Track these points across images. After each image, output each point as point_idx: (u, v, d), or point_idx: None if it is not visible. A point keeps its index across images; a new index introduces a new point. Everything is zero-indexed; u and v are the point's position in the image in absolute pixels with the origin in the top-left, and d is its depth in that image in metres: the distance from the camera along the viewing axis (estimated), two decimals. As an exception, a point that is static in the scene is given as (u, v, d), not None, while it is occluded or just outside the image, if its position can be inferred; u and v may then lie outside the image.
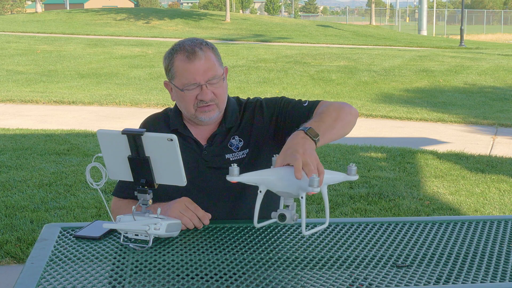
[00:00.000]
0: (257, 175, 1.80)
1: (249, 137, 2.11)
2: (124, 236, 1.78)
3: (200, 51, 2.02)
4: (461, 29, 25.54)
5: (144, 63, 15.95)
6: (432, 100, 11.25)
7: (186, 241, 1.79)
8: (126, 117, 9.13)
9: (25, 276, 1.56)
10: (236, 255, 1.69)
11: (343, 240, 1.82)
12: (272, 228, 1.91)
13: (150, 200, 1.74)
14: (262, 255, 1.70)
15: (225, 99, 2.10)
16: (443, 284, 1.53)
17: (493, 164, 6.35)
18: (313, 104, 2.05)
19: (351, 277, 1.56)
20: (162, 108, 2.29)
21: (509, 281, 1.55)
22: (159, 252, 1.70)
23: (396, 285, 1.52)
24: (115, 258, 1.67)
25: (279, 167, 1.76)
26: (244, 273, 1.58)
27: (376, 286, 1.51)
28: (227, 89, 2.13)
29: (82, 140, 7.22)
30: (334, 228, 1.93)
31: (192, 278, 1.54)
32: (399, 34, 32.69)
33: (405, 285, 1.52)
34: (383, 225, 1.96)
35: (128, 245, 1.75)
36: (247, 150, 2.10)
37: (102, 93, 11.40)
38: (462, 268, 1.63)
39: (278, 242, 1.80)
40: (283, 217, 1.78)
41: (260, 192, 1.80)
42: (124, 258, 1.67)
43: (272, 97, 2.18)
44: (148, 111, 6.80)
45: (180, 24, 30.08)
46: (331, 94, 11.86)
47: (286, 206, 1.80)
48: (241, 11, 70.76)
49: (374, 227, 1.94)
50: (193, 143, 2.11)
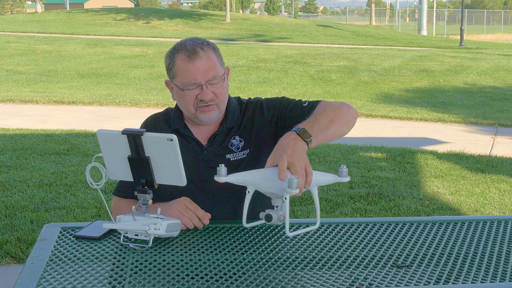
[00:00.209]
0: (245, 176, 1.82)
1: (250, 137, 2.11)
2: (124, 236, 1.78)
3: (201, 51, 2.02)
4: (461, 29, 25.55)
5: (144, 63, 15.95)
6: (432, 100, 11.25)
7: (186, 241, 1.79)
8: (126, 117, 9.13)
9: (25, 276, 1.56)
10: (236, 255, 1.69)
11: (343, 240, 1.82)
12: (272, 228, 1.92)
13: (150, 200, 1.74)
14: (262, 255, 1.70)
15: (226, 100, 2.10)
16: (443, 284, 1.53)
17: (493, 164, 6.35)
18: (313, 104, 2.05)
19: (351, 277, 1.56)
20: (162, 108, 2.30)
21: (509, 281, 1.55)
22: (159, 252, 1.71)
23: (396, 285, 1.52)
24: (115, 258, 1.67)
25: (267, 168, 1.77)
26: (244, 273, 1.58)
27: (376, 286, 1.51)
28: (228, 89, 2.13)
29: (82, 140, 7.22)
30: (334, 228, 1.93)
31: (192, 278, 1.54)
32: (399, 34, 32.69)
33: (405, 285, 1.52)
34: (383, 225, 1.96)
35: (128, 245, 1.75)
36: (248, 150, 2.10)
37: (102, 93, 11.41)
38: (462, 268, 1.63)
39: (278, 242, 1.80)
40: (270, 218, 1.79)
41: (248, 193, 1.83)
42: (124, 258, 1.67)
43: (273, 97, 2.18)
44: (148, 111, 6.81)
45: (180, 24, 30.08)
46: (331, 94, 11.86)
47: (276, 207, 1.80)
48: (241, 11, 70.76)
49: (374, 227, 1.94)
50: (194, 143, 2.11)
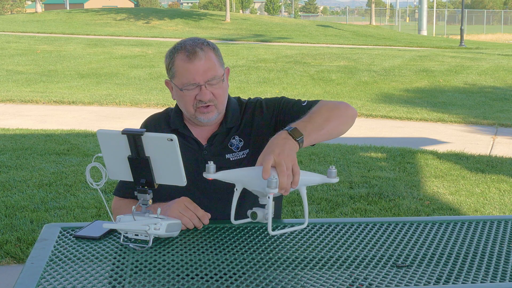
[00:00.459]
0: (232, 173, 1.84)
1: (249, 137, 2.11)
2: (124, 236, 1.78)
3: (201, 51, 2.02)
4: (461, 29, 25.55)
5: (144, 63, 15.95)
6: (432, 100, 11.25)
7: (186, 241, 1.79)
8: (126, 117, 9.13)
9: (25, 276, 1.56)
10: (236, 255, 1.69)
11: (343, 240, 1.82)
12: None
13: (150, 200, 1.74)
14: (262, 255, 1.70)
15: (225, 100, 2.09)
16: (443, 284, 1.53)
17: (493, 164, 6.35)
18: (312, 104, 2.05)
19: (351, 277, 1.56)
20: (162, 108, 2.30)
21: (509, 281, 1.55)
22: (159, 252, 1.70)
23: (396, 285, 1.52)
24: (115, 258, 1.67)
25: (255, 167, 1.79)
26: (244, 273, 1.58)
27: (376, 286, 1.51)
28: (228, 90, 2.12)
29: (82, 140, 7.22)
30: (334, 228, 1.93)
31: (192, 278, 1.54)
32: (399, 34, 32.69)
33: (405, 285, 1.52)
34: (383, 225, 1.96)
35: (128, 245, 1.75)
36: (247, 150, 2.10)
37: (102, 93, 11.40)
38: (462, 268, 1.63)
39: (278, 242, 1.80)
40: (255, 215, 1.81)
41: (236, 190, 1.85)
42: (124, 258, 1.67)
43: (272, 97, 2.18)
44: (148, 111, 6.81)
45: (180, 24, 30.08)
46: (331, 94, 11.86)
47: (263, 205, 1.81)
48: (241, 11, 70.75)
49: (374, 227, 1.94)
50: (194, 143, 2.11)
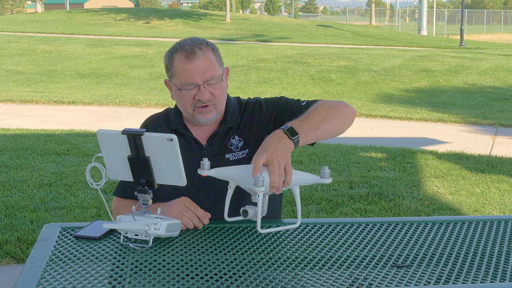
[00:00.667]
0: (226, 171, 1.84)
1: (249, 137, 2.11)
2: (124, 236, 1.78)
3: (200, 51, 2.02)
4: (461, 29, 25.55)
5: (144, 63, 15.95)
6: (432, 100, 11.25)
7: (186, 241, 1.79)
8: (126, 117, 9.13)
9: (25, 276, 1.56)
10: (236, 255, 1.69)
11: (343, 240, 1.82)
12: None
13: (150, 200, 1.74)
14: (262, 255, 1.70)
15: (223, 100, 2.09)
16: (443, 284, 1.53)
17: (493, 164, 6.35)
18: (311, 103, 2.05)
19: (351, 277, 1.56)
20: (162, 108, 2.30)
21: (509, 281, 1.55)
22: (159, 252, 1.70)
23: (396, 285, 1.52)
24: (115, 258, 1.67)
25: (248, 165, 1.79)
26: (244, 273, 1.58)
27: (376, 286, 1.51)
28: (227, 90, 2.13)
29: (82, 140, 7.22)
30: (334, 228, 1.93)
31: (192, 278, 1.54)
32: (399, 34, 32.69)
33: (405, 285, 1.52)
34: (383, 225, 1.96)
35: (128, 245, 1.75)
36: (247, 150, 2.10)
37: (102, 93, 11.40)
38: (462, 268, 1.63)
39: (278, 242, 1.80)
40: (246, 213, 1.81)
41: (230, 188, 1.85)
42: (124, 258, 1.67)
43: (272, 97, 2.18)
44: (148, 111, 6.80)
45: (180, 24, 30.08)
46: (331, 94, 11.86)
47: (256, 203, 1.81)
48: (241, 11, 70.75)
49: (374, 227, 1.94)
50: (193, 143, 2.11)
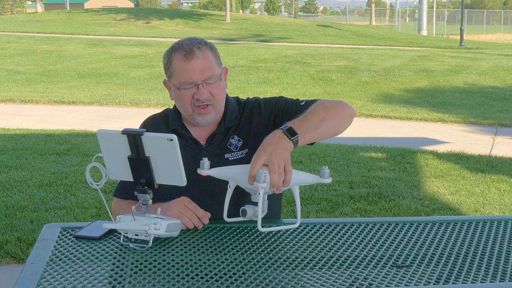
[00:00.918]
0: (225, 170, 1.84)
1: (248, 137, 2.12)
2: (124, 236, 1.78)
3: (198, 51, 2.02)
4: (461, 29, 25.54)
5: (144, 63, 15.95)
6: (432, 100, 11.25)
7: (186, 241, 1.79)
8: (126, 117, 9.13)
9: (25, 276, 1.56)
10: (236, 255, 1.69)
11: (343, 240, 1.82)
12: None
13: (150, 200, 1.74)
14: (262, 255, 1.70)
15: (222, 100, 2.09)
16: (443, 284, 1.53)
17: (493, 164, 6.35)
18: (310, 103, 2.05)
19: (351, 277, 1.56)
20: (162, 108, 2.30)
21: (509, 281, 1.55)
22: (159, 252, 1.70)
23: (396, 285, 1.52)
24: (115, 258, 1.67)
25: (247, 164, 1.79)
26: (244, 273, 1.58)
27: (376, 286, 1.51)
28: (226, 90, 2.13)
29: (82, 140, 7.22)
30: (334, 228, 1.93)
31: (192, 278, 1.54)
32: (399, 34, 32.68)
33: (405, 285, 1.52)
34: (383, 225, 1.96)
35: (128, 245, 1.75)
36: (246, 150, 2.10)
37: (102, 93, 11.40)
38: (462, 268, 1.63)
39: (278, 242, 1.80)
40: (244, 212, 1.82)
41: (229, 187, 1.85)
42: (124, 258, 1.67)
43: (270, 97, 2.18)
44: (148, 111, 6.80)
45: (180, 24, 30.08)
46: (331, 94, 11.86)
47: (256, 203, 1.81)
48: (241, 11, 70.75)
49: (374, 227, 1.94)
50: (193, 143, 2.11)
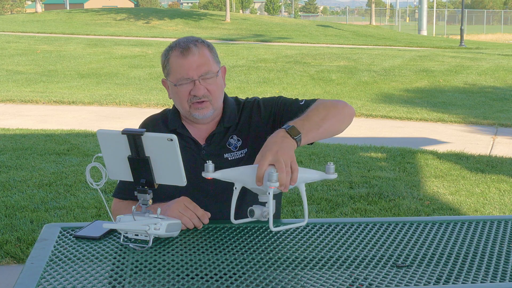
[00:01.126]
0: (231, 172, 1.84)
1: (247, 137, 2.12)
2: (124, 236, 1.78)
3: (194, 47, 2.03)
4: (461, 29, 25.55)
5: (144, 63, 15.95)
6: (432, 100, 11.25)
7: (186, 241, 1.79)
8: (126, 117, 9.13)
9: (25, 276, 1.56)
10: (236, 255, 1.69)
11: (343, 240, 1.82)
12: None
13: (150, 200, 1.74)
14: (262, 255, 1.70)
15: (220, 97, 2.10)
16: (443, 284, 1.53)
17: (493, 164, 6.35)
18: (310, 103, 2.06)
19: (351, 277, 1.56)
20: (162, 108, 2.30)
21: (509, 281, 1.55)
22: (159, 252, 1.70)
23: (396, 285, 1.52)
24: (115, 258, 1.67)
25: (254, 165, 1.79)
26: (244, 273, 1.58)
27: (376, 286, 1.51)
28: (223, 89, 2.13)
29: (82, 140, 7.22)
30: (334, 228, 1.93)
31: (192, 278, 1.54)
32: (399, 34, 32.68)
33: (405, 285, 1.52)
34: (383, 225, 1.96)
35: (128, 245, 1.75)
36: (246, 150, 2.10)
37: (102, 93, 11.40)
38: (462, 268, 1.63)
39: (278, 242, 1.80)
40: (252, 213, 1.82)
41: (236, 189, 1.85)
42: (124, 258, 1.67)
43: (270, 97, 2.18)
44: (148, 111, 6.80)
45: (180, 24, 30.08)
46: (331, 94, 11.86)
47: (263, 203, 1.81)
48: (241, 11, 70.74)
49: (374, 227, 1.94)
50: (192, 143, 2.11)
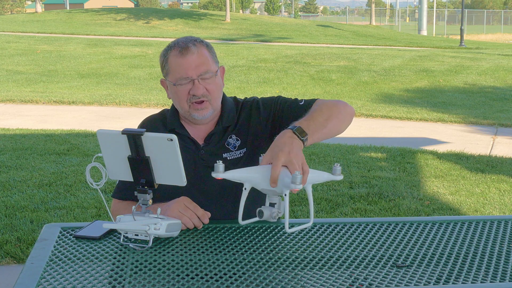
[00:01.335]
0: (242, 173, 1.83)
1: (246, 137, 2.12)
2: (124, 236, 1.78)
3: (193, 47, 2.04)
4: (461, 29, 25.55)
5: (144, 63, 15.95)
6: (432, 100, 11.25)
7: (186, 241, 1.79)
8: (126, 117, 9.13)
9: (25, 276, 1.56)
10: (236, 255, 1.69)
11: (343, 240, 1.82)
12: (272, 228, 1.91)
13: (150, 200, 1.74)
14: (262, 255, 1.70)
15: (219, 97, 2.10)
16: (443, 284, 1.53)
17: (493, 164, 6.35)
18: (309, 103, 2.06)
19: (351, 277, 1.56)
20: (162, 108, 2.30)
21: (509, 281, 1.55)
22: (159, 252, 1.70)
23: (396, 285, 1.52)
24: (115, 258, 1.67)
25: (264, 165, 1.78)
26: (244, 273, 1.58)
27: (376, 286, 1.51)
28: (222, 88, 2.13)
29: (82, 140, 7.22)
30: (334, 228, 1.93)
31: (192, 278, 1.54)
32: (399, 34, 32.68)
33: (405, 285, 1.52)
34: (383, 225, 1.96)
35: (128, 245, 1.75)
36: (245, 150, 2.10)
37: (102, 93, 11.40)
38: (462, 268, 1.63)
39: (278, 242, 1.80)
40: (261, 214, 1.81)
41: (245, 189, 1.83)
42: (124, 258, 1.67)
43: (269, 97, 2.18)
44: (148, 111, 6.80)
45: (180, 24, 30.08)
46: (331, 94, 11.86)
47: (272, 204, 1.81)
48: (241, 11, 70.74)
49: (374, 227, 1.94)
50: (191, 143, 2.11)
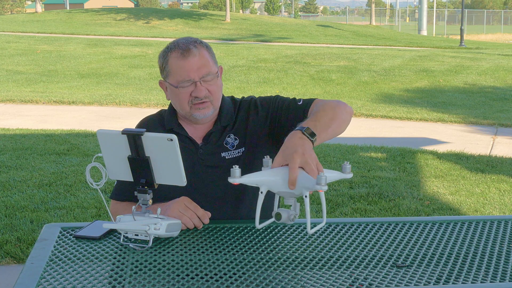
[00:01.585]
0: (259, 176, 1.77)
1: (245, 136, 2.12)
2: (124, 236, 1.78)
3: (194, 49, 2.03)
4: (461, 29, 25.55)
5: (144, 63, 15.95)
6: (432, 100, 11.25)
7: (186, 241, 1.79)
8: (126, 117, 9.13)
9: (25, 276, 1.56)
10: (236, 255, 1.69)
11: (343, 240, 1.82)
12: (272, 228, 1.91)
13: (150, 200, 1.74)
14: (262, 255, 1.70)
15: (220, 97, 2.11)
16: (443, 284, 1.53)
17: (493, 164, 6.35)
18: (308, 103, 2.06)
19: (351, 277, 1.56)
20: (162, 108, 2.30)
21: (509, 281, 1.55)
22: (159, 252, 1.70)
23: (396, 285, 1.52)
24: (115, 258, 1.67)
25: (280, 168, 1.74)
26: (244, 273, 1.58)
27: (376, 286, 1.51)
28: (222, 88, 2.13)
29: (82, 140, 7.22)
30: (334, 228, 1.93)
31: (192, 278, 1.54)
32: (399, 34, 32.68)
33: (405, 285, 1.52)
34: (383, 225, 1.96)
35: (128, 245, 1.75)
36: (243, 149, 2.10)
37: (102, 93, 11.40)
38: (462, 268, 1.63)
39: (278, 242, 1.80)
40: (279, 216, 1.78)
41: (262, 193, 1.77)
42: (124, 258, 1.67)
43: (267, 96, 2.18)
44: (148, 111, 6.78)
45: (180, 24, 30.08)
46: (331, 94, 11.86)
47: (289, 206, 1.79)
48: (241, 11, 70.73)
49: (374, 227, 1.94)
50: (189, 142, 2.11)
